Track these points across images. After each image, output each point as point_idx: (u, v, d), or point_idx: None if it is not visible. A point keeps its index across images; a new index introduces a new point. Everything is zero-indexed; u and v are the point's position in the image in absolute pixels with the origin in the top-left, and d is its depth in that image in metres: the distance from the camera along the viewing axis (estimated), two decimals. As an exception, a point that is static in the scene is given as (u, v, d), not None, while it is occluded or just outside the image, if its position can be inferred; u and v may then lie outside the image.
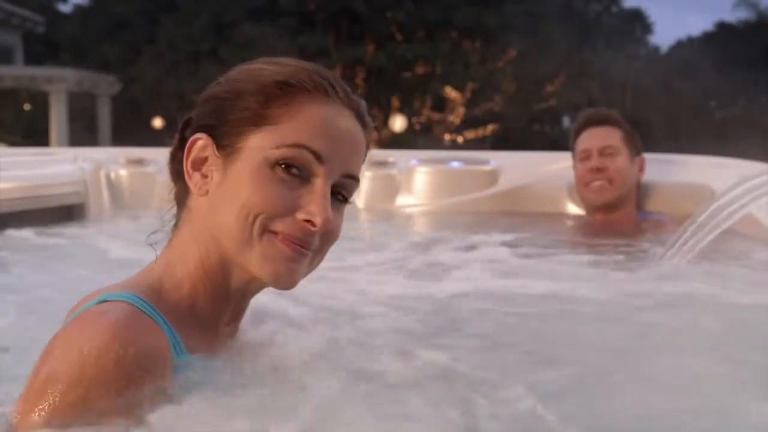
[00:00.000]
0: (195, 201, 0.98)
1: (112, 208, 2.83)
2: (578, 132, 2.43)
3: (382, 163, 2.92)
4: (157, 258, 0.99)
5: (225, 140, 0.94)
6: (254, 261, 0.91)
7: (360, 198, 2.85)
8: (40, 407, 0.77)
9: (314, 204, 0.90)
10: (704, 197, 2.29)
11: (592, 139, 2.38)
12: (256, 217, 0.90)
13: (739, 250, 1.90)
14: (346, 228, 0.95)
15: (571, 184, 2.55)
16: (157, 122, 18.46)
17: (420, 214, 2.84)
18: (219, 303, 0.96)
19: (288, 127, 0.91)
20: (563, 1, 18.26)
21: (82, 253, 2.06)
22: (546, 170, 2.80)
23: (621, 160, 2.35)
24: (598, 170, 2.35)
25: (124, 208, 2.84)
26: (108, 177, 2.88)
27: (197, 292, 0.95)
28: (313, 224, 0.90)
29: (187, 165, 0.97)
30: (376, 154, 3.09)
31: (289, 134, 0.91)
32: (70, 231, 2.35)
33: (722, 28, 24.40)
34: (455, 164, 2.94)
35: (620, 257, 1.80)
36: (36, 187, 2.54)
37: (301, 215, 0.90)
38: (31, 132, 16.15)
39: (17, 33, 19.26)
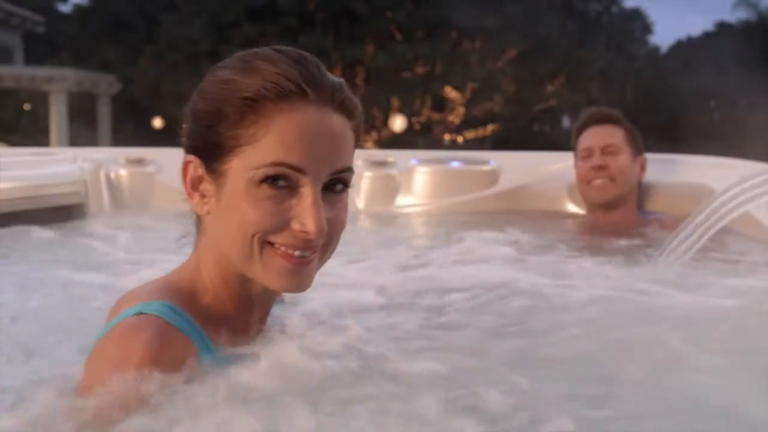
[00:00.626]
0: (205, 218, 0.99)
1: (112, 208, 2.82)
2: (580, 130, 2.43)
3: (382, 163, 2.92)
4: (187, 260, 1.03)
5: (212, 164, 0.95)
6: (260, 275, 0.94)
7: (360, 198, 2.85)
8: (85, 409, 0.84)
9: (305, 213, 0.91)
10: (704, 197, 2.29)
11: (594, 137, 2.38)
12: (253, 236, 0.92)
13: (738, 250, 1.90)
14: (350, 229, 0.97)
15: (572, 184, 2.55)
16: (157, 122, 18.46)
17: (420, 214, 2.83)
18: (244, 306, 1.00)
19: (263, 144, 0.91)
20: (563, 1, 18.26)
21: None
22: (546, 170, 2.80)
23: (623, 159, 2.35)
24: (600, 168, 2.35)
25: (124, 208, 2.84)
26: (108, 177, 2.88)
27: (222, 298, 0.99)
28: (308, 234, 0.91)
29: (186, 186, 0.99)
30: (376, 154, 3.09)
31: (266, 153, 0.91)
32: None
33: (722, 28, 24.38)
34: (455, 164, 2.94)
35: (620, 257, 1.80)
36: (36, 187, 2.54)
37: (295, 226, 0.91)
38: (31, 132, 16.15)
39: (17, 33, 19.25)
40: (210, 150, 0.95)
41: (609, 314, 1.27)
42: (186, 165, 0.98)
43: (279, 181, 0.91)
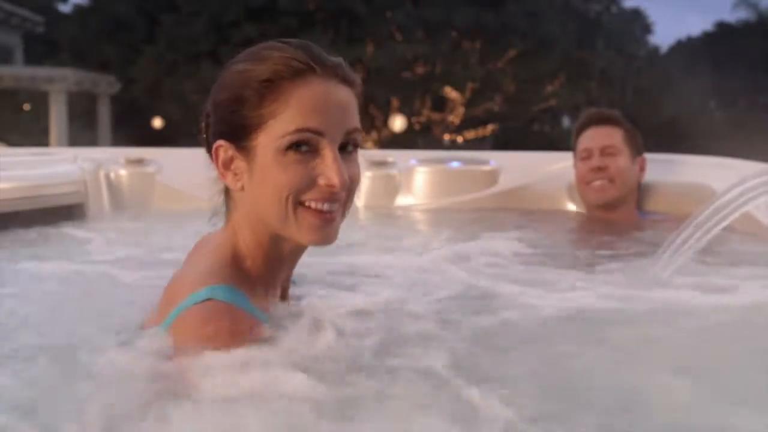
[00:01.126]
0: (237, 194, 1.15)
1: (112, 208, 2.82)
2: (580, 131, 2.43)
3: (382, 163, 2.92)
4: (221, 236, 1.17)
5: (241, 142, 1.10)
6: (294, 233, 1.10)
7: (360, 198, 2.85)
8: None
9: (328, 170, 1.06)
10: (704, 197, 2.29)
11: (593, 138, 2.38)
12: (287, 198, 1.07)
13: (740, 250, 1.89)
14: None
15: (571, 183, 2.55)
16: (157, 122, 18.45)
17: (419, 214, 2.83)
18: (274, 266, 1.16)
19: (285, 116, 1.06)
20: (563, 1, 18.24)
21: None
22: (546, 170, 2.80)
23: (622, 160, 2.35)
24: (599, 169, 2.35)
25: (124, 208, 2.84)
26: (108, 177, 2.88)
27: (257, 262, 1.14)
28: (334, 186, 1.06)
29: (219, 168, 1.14)
30: (376, 154, 3.09)
31: (288, 123, 1.06)
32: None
33: (722, 28, 24.38)
34: (455, 164, 2.94)
35: (619, 258, 1.79)
36: (36, 187, 2.54)
37: (321, 181, 1.07)
38: (31, 132, 16.15)
39: (17, 33, 19.26)
40: (238, 132, 1.10)
41: (608, 316, 1.26)
42: (217, 150, 1.13)
43: (302, 147, 1.07)
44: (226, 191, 1.18)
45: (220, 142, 1.12)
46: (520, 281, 1.50)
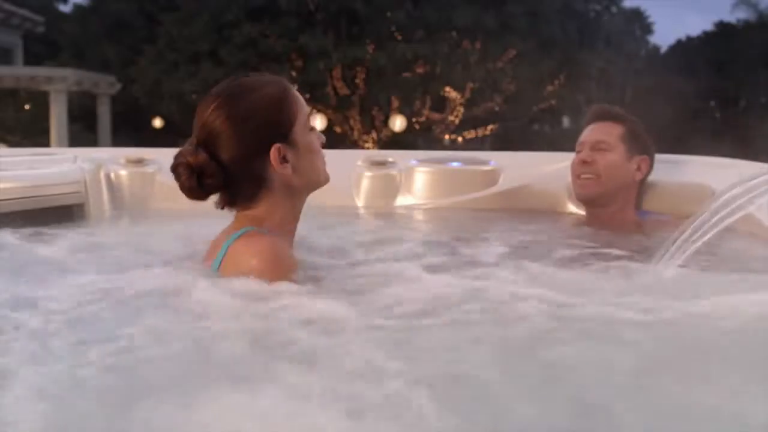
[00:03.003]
0: (278, 176, 1.54)
1: (112, 208, 2.82)
2: (584, 126, 2.43)
3: (382, 163, 2.92)
4: (251, 210, 1.55)
5: (286, 139, 1.53)
6: (325, 175, 1.63)
7: (360, 198, 2.85)
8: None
9: (319, 133, 1.63)
10: (704, 197, 2.29)
11: (590, 133, 2.39)
12: (321, 154, 1.62)
13: (740, 251, 1.89)
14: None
15: (571, 184, 2.54)
16: (157, 122, 18.46)
17: (418, 214, 2.83)
18: (292, 223, 1.61)
19: (301, 111, 1.57)
20: (563, 1, 18.24)
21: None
22: (546, 170, 2.80)
23: (612, 156, 2.33)
24: (585, 163, 2.35)
25: (124, 208, 2.84)
26: (108, 177, 2.87)
27: (284, 221, 1.58)
28: (324, 140, 1.64)
29: (276, 163, 1.52)
30: (376, 154, 3.09)
31: (304, 112, 1.58)
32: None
33: (722, 28, 24.38)
34: (455, 164, 2.94)
35: (617, 258, 1.79)
36: (36, 187, 2.54)
37: (321, 139, 1.63)
38: (31, 132, 16.15)
39: (17, 33, 19.26)
40: (281, 131, 1.53)
41: (606, 317, 1.26)
42: (274, 152, 1.52)
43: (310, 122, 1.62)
44: (258, 185, 1.54)
45: (276, 145, 1.52)
46: (518, 281, 1.50)
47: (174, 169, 1.49)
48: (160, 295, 1.33)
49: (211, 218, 1.62)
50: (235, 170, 1.50)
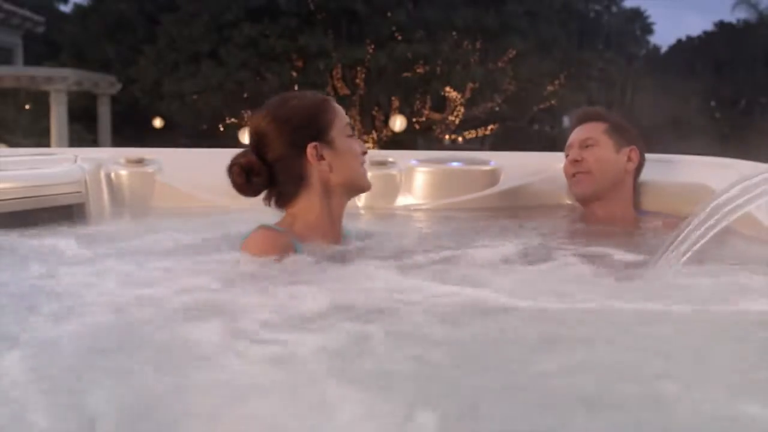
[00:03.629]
0: (316, 174, 1.76)
1: (112, 208, 2.83)
2: (570, 132, 2.47)
3: (382, 163, 2.92)
4: (287, 212, 1.79)
5: (325, 139, 1.76)
6: (363, 185, 1.86)
7: (360, 198, 2.85)
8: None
9: (361, 143, 1.86)
10: (704, 197, 2.29)
11: (575, 134, 2.42)
12: (361, 162, 1.82)
13: (739, 251, 1.89)
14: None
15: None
16: (157, 122, 18.46)
17: (418, 214, 2.83)
18: (332, 220, 1.80)
19: (339, 119, 1.80)
20: (563, 1, 18.24)
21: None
22: (546, 170, 2.80)
23: (600, 151, 2.36)
24: (576, 162, 2.37)
25: (124, 208, 2.84)
26: (108, 177, 2.88)
27: (319, 219, 1.77)
28: (366, 151, 1.85)
29: (313, 159, 1.75)
30: (375, 154, 3.09)
31: (343, 122, 1.80)
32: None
33: (722, 28, 24.38)
34: (455, 164, 2.94)
35: (617, 258, 1.79)
36: (36, 187, 2.54)
37: (363, 149, 1.84)
38: (31, 132, 16.15)
39: (17, 33, 19.26)
40: (321, 132, 1.76)
41: (604, 317, 1.26)
42: (311, 150, 1.74)
43: (350, 132, 1.82)
44: (296, 184, 1.76)
45: (312, 143, 1.74)
46: (516, 282, 1.50)
47: (228, 168, 1.76)
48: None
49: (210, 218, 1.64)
50: (279, 169, 1.75)
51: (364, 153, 1.82)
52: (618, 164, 2.37)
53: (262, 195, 1.79)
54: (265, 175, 1.74)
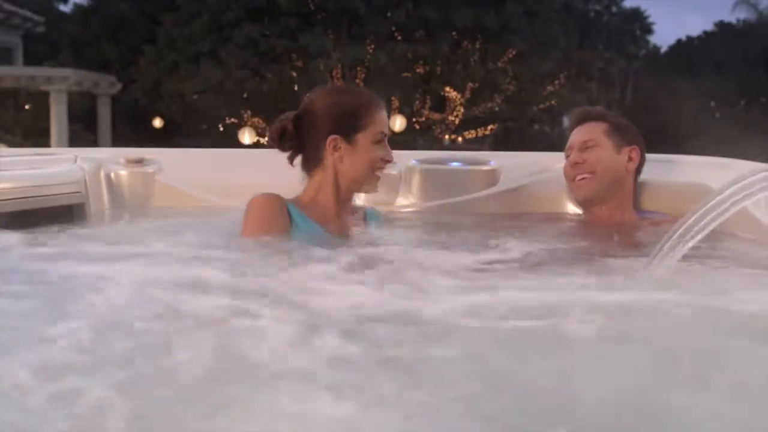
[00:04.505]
0: (331, 161, 2.02)
1: (112, 208, 2.82)
2: (569, 133, 2.46)
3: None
4: (307, 186, 2.07)
5: (348, 136, 2.00)
6: (367, 188, 2.10)
7: (360, 198, 2.85)
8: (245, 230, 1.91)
9: (389, 152, 2.05)
10: (704, 197, 2.29)
11: (575, 136, 2.41)
12: (373, 169, 2.03)
13: (736, 249, 1.89)
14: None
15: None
16: (157, 122, 18.45)
17: (418, 214, 2.83)
18: (338, 204, 2.04)
19: (374, 126, 2.01)
20: (563, 1, 18.24)
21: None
22: (546, 170, 2.80)
23: (601, 151, 2.34)
24: (578, 164, 2.36)
25: (124, 208, 2.84)
26: (108, 177, 2.87)
27: (330, 199, 2.04)
28: (391, 160, 2.06)
29: (329, 149, 2.01)
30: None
31: (377, 130, 2.02)
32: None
33: (722, 28, 24.39)
34: (455, 164, 2.94)
35: (616, 258, 1.79)
36: (36, 187, 2.54)
37: (387, 158, 2.04)
38: (31, 132, 16.15)
39: (17, 33, 19.26)
40: (348, 130, 2.00)
41: (603, 318, 1.26)
42: (332, 140, 2.00)
43: (381, 140, 2.03)
44: (315, 165, 2.04)
45: (334, 136, 1.99)
46: (515, 282, 1.50)
47: (271, 124, 2.07)
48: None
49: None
50: (306, 141, 2.03)
51: (387, 161, 2.03)
52: (619, 164, 2.36)
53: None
54: (294, 141, 2.04)
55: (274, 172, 2.27)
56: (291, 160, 2.09)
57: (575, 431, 0.85)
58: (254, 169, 2.70)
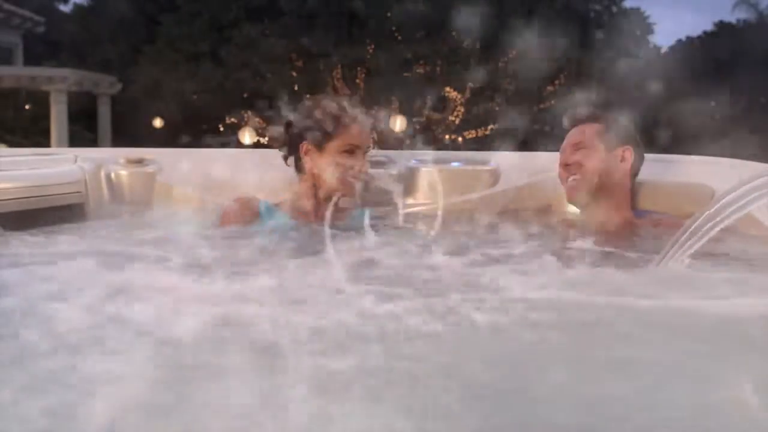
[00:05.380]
0: (308, 167, 2.26)
1: (112, 208, 2.82)
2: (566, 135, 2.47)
3: (382, 163, 2.92)
4: (297, 187, 2.31)
5: (319, 144, 2.23)
6: (337, 187, 2.21)
7: (360, 197, 2.84)
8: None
9: (363, 163, 2.25)
10: (704, 197, 2.29)
11: (567, 138, 2.43)
12: (344, 177, 2.20)
13: (741, 251, 1.89)
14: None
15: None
16: (157, 122, 18.45)
17: (418, 214, 2.83)
18: (313, 206, 2.26)
19: (345, 137, 2.22)
20: (563, 1, 18.24)
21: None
22: (546, 170, 2.80)
23: (590, 152, 2.35)
24: (567, 165, 2.36)
25: (124, 208, 2.83)
26: (108, 177, 2.88)
27: (307, 201, 2.27)
28: (365, 171, 2.24)
29: (301, 154, 2.27)
30: (376, 154, 3.08)
31: (346, 140, 2.23)
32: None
33: (722, 28, 24.38)
34: (455, 164, 2.94)
35: (616, 258, 1.79)
36: (36, 187, 2.54)
37: (356, 167, 2.21)
38: (31, 132, 16.15)
39: (17, 33, 19.25)
40: (319, 140, 2.23)
41: (603, 318, 1.25)
42: (302, 146, 2.26)
43: (351, 151, 2.22)
44: (299, 166, 2.29)
45: (306, 142, 2.25)
46: (518, 282, 1.50)
47: (272, 126, 2.42)
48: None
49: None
50: (293, 146, 2.30)
51: (360, 171, 2.21)
52: (609, 165, 2.35)
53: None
54: (283, 143, 2.33)
55: (274, 171, 2.27)
56: (285, 159, 2.34)
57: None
58: (254, 168, 2.70)
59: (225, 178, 2.83)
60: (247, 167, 2.88)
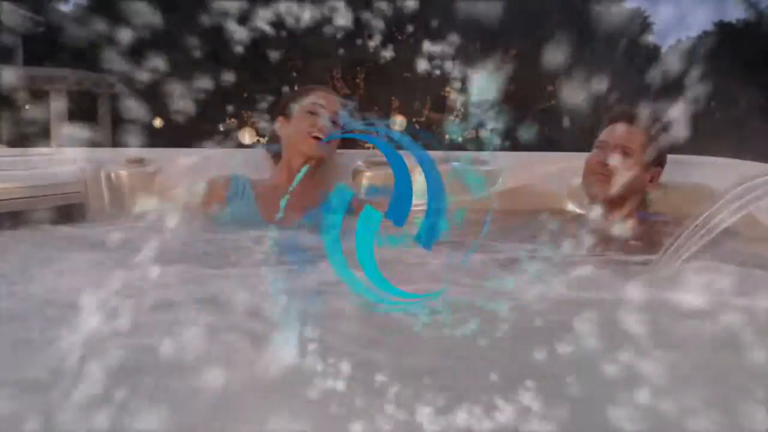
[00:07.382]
0: (283, 139, 2.51)
1: (112, 208, 2.82)
2: (609, 122, 2.40)
3: (382, 163, 2.92)
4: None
5: (288, 113, 2.48)
6: (306, 148, 2.42)
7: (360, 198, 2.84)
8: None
9: (325, 120, 2.42)
10: (704, 197, 2.29)
11: (615, 135, 2.36)
12: (306, 133, 2.43)
13: (741, 251, 1.89)
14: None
15: (572, 184, 2.54)
16: (157, 122, 18.43)
17: (418, 214, 2.83)
18: (287, 179, 2.46)
19: (309, 98, 2.43)
20: (563, 1, 18.22)
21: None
22: (546, 170, 2.80)
23: (632, 164, 2.33)
24: (604, 165, 2.34)
25: (124, 208, 2.83)
26: (108, 177, 2.88)
27: (281, 176, 2.50)
28: (323, 131, 2.41)
29: (278, 128, 2.53)
30: (375, 154, 3.08)
31: (310, 101, 2.42)
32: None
33: (722, 28, 24.37)
34: (455, 164, 2.94)
35: (616, 258, 1.79)
36: (36, 187, 2.54)
37: (318, 124, 2.40)
38: (31, 132, 16.13)
39: (17, 33, 19.23)
40: (287, 109, 2.47)
41: (609, 318, 1.25)
42: (279, 120, 2.53)
43: (314, 111, 2.41)
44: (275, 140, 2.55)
45: (280, 117, 2.52)
46: (518, 282, 1.50)
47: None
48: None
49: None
50: (274, 133, 2.57)
51: (319, 128, 2.39)
52: (641, 182, 2.36)
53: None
54: (272, 132, 2.56)
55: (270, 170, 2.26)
56: (273, 159, 2.59)
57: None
58: (254, 168, 2.70)
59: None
60: (246, 167, 2.88)
